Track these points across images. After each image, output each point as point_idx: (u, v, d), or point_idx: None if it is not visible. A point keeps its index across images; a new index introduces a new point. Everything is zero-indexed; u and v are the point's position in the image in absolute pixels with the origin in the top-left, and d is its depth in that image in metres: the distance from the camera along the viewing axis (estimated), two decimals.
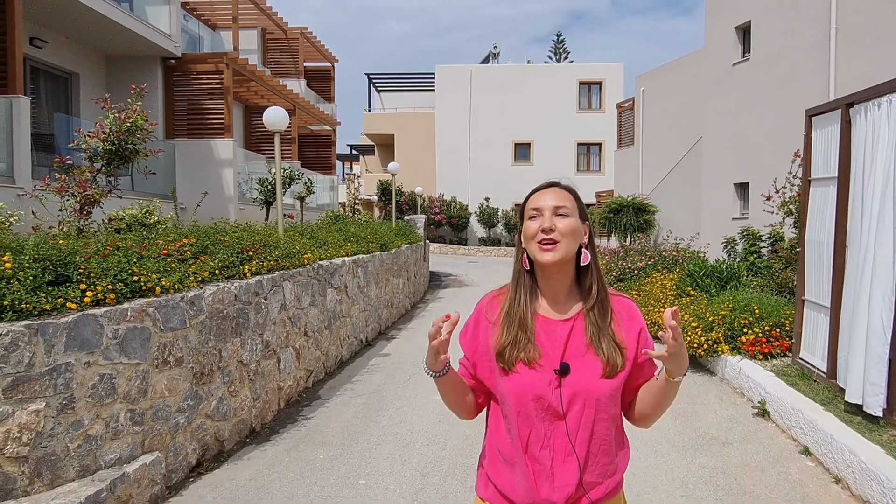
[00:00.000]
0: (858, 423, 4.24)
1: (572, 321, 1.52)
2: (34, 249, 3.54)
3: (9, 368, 3.06)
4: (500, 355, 1.52)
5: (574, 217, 1.50)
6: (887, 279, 4.28)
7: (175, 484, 3.95)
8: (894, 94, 4.32)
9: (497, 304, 1.61)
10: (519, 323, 1.52)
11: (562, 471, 1.47)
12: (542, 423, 1.48)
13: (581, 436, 1.47)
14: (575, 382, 1.47)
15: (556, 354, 1.49)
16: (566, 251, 1.48)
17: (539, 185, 1.58)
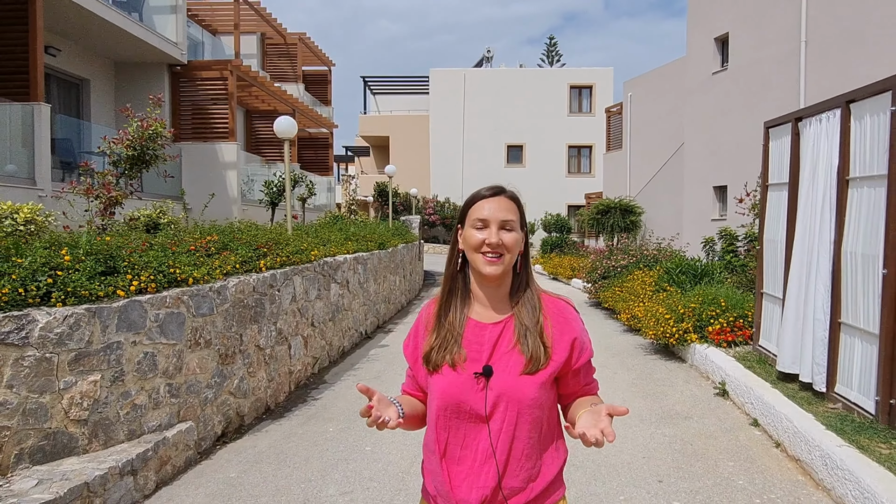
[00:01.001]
0: (802, 398, 4.86)
1: (503, 324, 1.53)
2: (87, 245, 4.12)
3: (73, 344, 3.63)
4: (427, 357, 1.55)
5: (517, 230, 1.52)
6: (827, 274, 4.91)
7: (204, 450, 4.52)
8: (833, 112, 4.96)
9: (433, 308, 1.62)
10: (448, 326, 1.54)
11: (480, 473, 1.47)
12: (464, 425, 1.48)
13: (503, 439, 1.46)
14: (498, 383, 1.46)
15: (482, 357, 1.50)
16: (510, 264, 1.51)
17: (483, 189, 1.55)
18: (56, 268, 3.79)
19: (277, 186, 10.50)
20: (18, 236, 5.12)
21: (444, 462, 1.50)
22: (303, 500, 3.72)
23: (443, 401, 1.49)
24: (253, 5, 17.34)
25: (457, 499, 1.47)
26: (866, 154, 4.49)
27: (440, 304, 1.58)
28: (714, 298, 7.15)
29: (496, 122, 31.35)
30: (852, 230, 4.63)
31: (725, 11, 12.90)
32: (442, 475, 1.50)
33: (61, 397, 3.59)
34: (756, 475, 4.00)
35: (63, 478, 3.36)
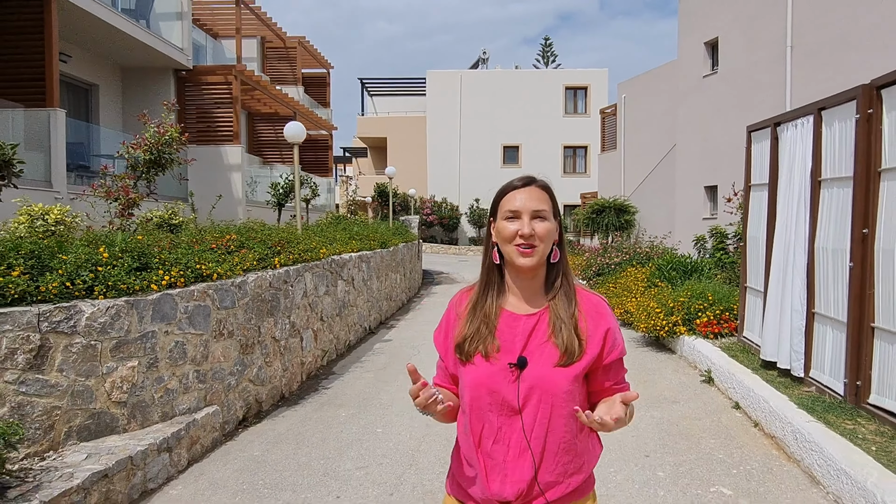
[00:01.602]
0: (780, 383, 5.26)
1: (538, 315, 1.52)
2: (122, 243, 4.48)
3: (114, 333, 4.01)
4: (460, 346, 1.54)
5: (550, 219, 1.51)
6: (802, 268, 5.31)
7: (228, 433, 4.90)
8: (807, 118, 5.36)
9: (466, 298, 1.62)
10: (483, 316, 1.53)
11: (515, 466, 1.45)
12: (497, 418, 1.47)
13: (537, 432, 1.45)
14: (531, 375, 1.46)
15: (516, 348, 1.49)
16: (544, 254, 1.50)
17: (515, 180, 1.56)
18: (96, 264, 4.15)
19: (284, 188, 10.87)
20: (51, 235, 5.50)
21: (479, 453, 1.49)
22: (322, 474, 4.09)
23: (476, 391, 1.49)
24: (254, 10, 17.71)
25: (491, 492, 1.46)
26: (835, 157, 4.89)
27: (477, 293, 1.58)
28: (702, 293, 7.55)
29: (492, 123, 31.74)
30: (824, 227, 5.03)
31: (715, 17, 13.32)
32: (478, 465, 1.48)
33: (104, 381, 3.96)
34: (734, 450, 4.40)
35: (109, 452, 3.73)
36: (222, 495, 3.81)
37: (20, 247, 3.99)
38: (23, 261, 3.89)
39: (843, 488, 3.49)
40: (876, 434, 3.94)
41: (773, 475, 3.97)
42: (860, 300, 4.44)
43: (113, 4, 10.96)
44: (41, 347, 3.70)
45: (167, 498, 3.78)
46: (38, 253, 4.02)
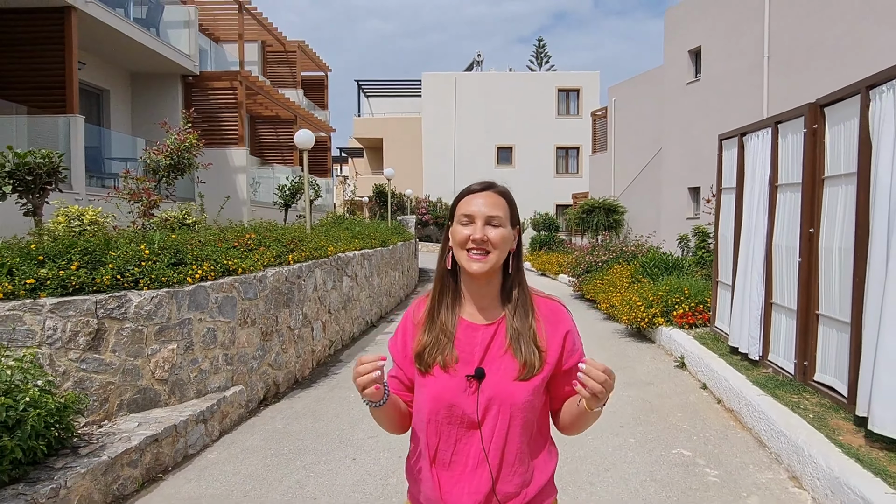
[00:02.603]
0: (742, 366, 5.90)
1: (496, 325, 1.49)
2: (160, 241, 5.08)
3: (157, 319, 4.60)
4: (419, 356, 1.50)
5: (506, 226, 1.47)
6: (762, 263, 5.95)
7: (251, 410, 5.50)
8: (766, 129, 6.00)
9: (423, 306, 1.58)
10: (440, 325, 1.50)
11: (472, 479, 1.43)
12: (455, 430, 1.45)
13: (495, 443, 1.43)
14: (491, 387, 1.43)
15: (474, 360, 1.46)
16: (496, 261, 1.45)
17: (472, 185, 1.52)
18: (140, 259, 4.75)
19: (290, 189, 11.46)
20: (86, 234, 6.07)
21: (434, 468, 1.47)
22: (339, 442, 4.71)
23: (434, 404, 1.45)
24: (255, 15, 18.23)
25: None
26: (789, 165, 5.54)
27: (432, 302, 1.54)
28: (679, 287, 8.20)
29: (486, 124, 32.38)
30: (779, 227, 5.68)
31: (697, 26, 13.99)
32: (432, 480, 1.46)
33: (149, 361, 4.56)
34: (698, 422, 5.04)
35: (156, 421, 4.33)
36: (253, 458, 4.42)
37: (76, 244, 4.59)
38: (79, 257, 4.48)
39: (781, 447, 4.13)
40: (816, 405, 4.59)
41: (728, 440, 4.61)
42: (807, 291, 5.09)
43: (126, 14, 11.52)
44: (98, 331, 4.30)
45: (206, 462, 4.39)
46: (91, 250, 4.61)
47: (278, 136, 18.70)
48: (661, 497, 3.69)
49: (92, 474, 3.53)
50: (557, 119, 32.52)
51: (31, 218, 5.79)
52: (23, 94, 9.56)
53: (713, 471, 4.07)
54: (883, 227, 3.89)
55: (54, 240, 4.70)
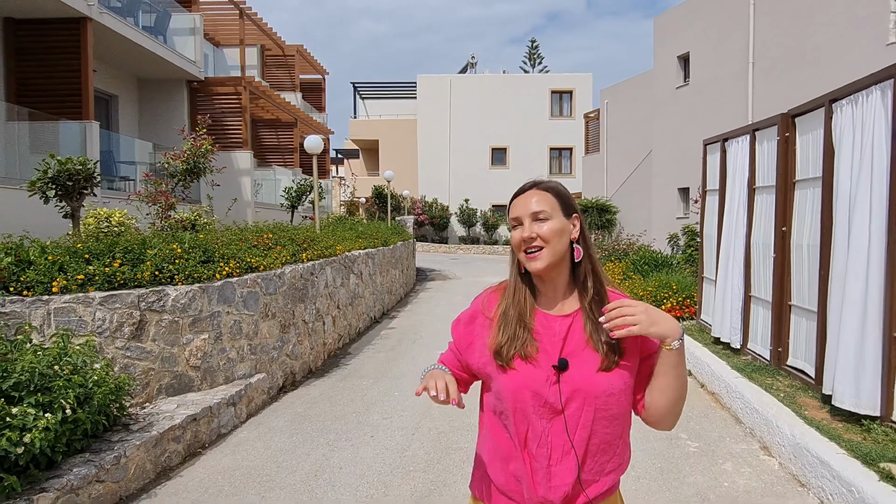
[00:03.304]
0: (724, 354, 6.40)
1: (571, 317, 1.50)
2: (190, 240, 5.53)
3: (191, 312, 5.06)
4: (498, 353, 1.50)
5: (556, 218, 1.48)
6: (741, 259, 6.46)
7: (272, 396, 5.96)
8: (745, 136, 6.51)
9: (495, 299, 1.59)
10: (518, 319, 1.51)
11: (559, 469, 1.45)
12: (540, 420, 1.46)
13: (580, 433, 1.45)
14: (573, 379, 1.44)
15: (554, 351, 1.47)
16: (552, 255, 1.47)
17: (520, 187, 1.55)
18: (174, 257, 5.20)
19: (297, 192, 11.91)
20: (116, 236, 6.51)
21: (525, 454, 1.48)
22: (356, 423, 5.17)
23: (519, 394, 1.47)
24: (255, 21, 18.65)
25: (538, 495, 1.46)
26: (765, 169, 6.05)
27: (508, 300, 1.55)
28: (667, 283, 8.71)
29: (481, 126, 32.87)
30: (756, 226, 6.19)
31: (686, 33, 14.52)
32: (525, 469, 1.48)
33: (184, 349, 5.02)
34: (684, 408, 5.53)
35: (193, 403, 4.79)
36: (280, 436, 4.88)
37: (118, 244, 5.04)
38: (121, 255, 4.93)
39: (754, 422, 4.64)
40: (787, 386, 5.09)
41: (708, 418, 5.11)
42: (781, 284, 5.60)
43: (135, 23, 11.94)
44: (140, 322, 4.75)
45: (238, 439, 4.85)
46: (130, 248, 5.07)
47: (279, 138, 19.13)
48: (647, 464, 4.18)
49: (144, 447, 3.99)
50: (551, 120, 33.03)
51: (64, 219, 6.21)
52: (40, 101, 9.97)
53: (694, 443, 4.56)
54: (844, 227, 4.40)
55: (97, 240, 5.14)
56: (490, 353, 1.53)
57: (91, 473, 3.51)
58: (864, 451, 3.56)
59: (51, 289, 4.47)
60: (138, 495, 3.83)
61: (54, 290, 4.47)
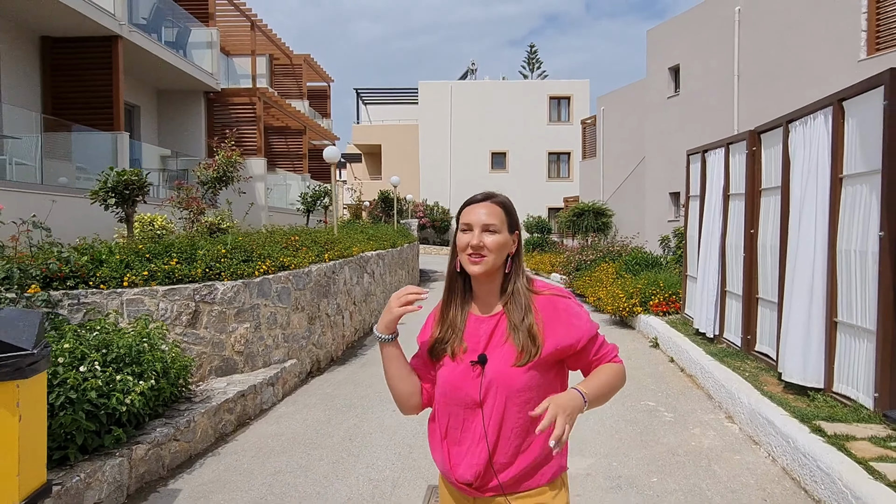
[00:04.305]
0: (702, 343, 7.18)
1: (497, 317, 1.66)
2: (232, 242, 6.31)
3: (236, 304, 5.83)
4: (432, 349, 1.71)
5: (502, 232, 1.63)
6: (717, 258, 7.25)
7: (302, 380, 6.73)
8: (721, 148, 7.31)
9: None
10: (450, 320, 1.69)
11: (474, 452, 1.61)
12: (462, 410, 1.63)
13: (493, 421, 1.59)
14: (491, 371, 1.60)
15: (479, 348, 1.63)
16: (492, 263, 1.62)
17: (473, 196, 1.68)
18: (220, 257, 5.98)
19: (312, 197, 12.71)
20: (158, 238, 7.29)
21: (444, 443, 1.67)
22: (378, 400, 5.94)
23: (443, 387, 1.66)
24: (265, 32, 19.44)
25: (455, 476, 1.63)
26: (737, 178, 6.84)
27: (444, 300, 1.73)
28: (655, 281, 9.49)
29: (481, 131, 33.70)
30: (730, 229, 6.98)
31: (677, 45, 15.33)
32: (443, 454, 1.67)
33: (230, 336, 5.79)
34: (662, 384, 6.32)
35: (239, 383, 5.56)
36: (314, 411, 5.65)
37: (173, 245, 5.82)
38: (177, 254, 5.71)
39: (722, 397, 5.41)
40: (754, 368, 5.87)
41: (685, 395, 5.90)
42: (749, 279, 6.38)
43: (159, 38, 12.72)
44: (195, 312, 5.53)
45: (279, 413, 5.62)
46: (183, 249, 5.84)
47: (288, 144, 19.91)
48: (629, 430, 4.95)
49: (207, 414, 4.77)
50: (549, 125, 33.86)
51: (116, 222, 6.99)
52: (73, 113, 10.75)
53: (669, 414, 5.34)
54: (795, 229, 5.18)
55: (154, 241, 5.91)
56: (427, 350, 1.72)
57: (170, 433, 4.28)
58: (803, 413, 4.34)
59: (122, 283, 5.24)
60: (204, 454, 4.61)
61: (125, 284, 5.25)
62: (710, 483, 3.93)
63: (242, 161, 9.04)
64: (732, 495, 3.76)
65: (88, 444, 3.68)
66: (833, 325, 4.76)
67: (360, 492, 3.94)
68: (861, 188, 4.47)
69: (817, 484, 3.57)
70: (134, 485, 3.91)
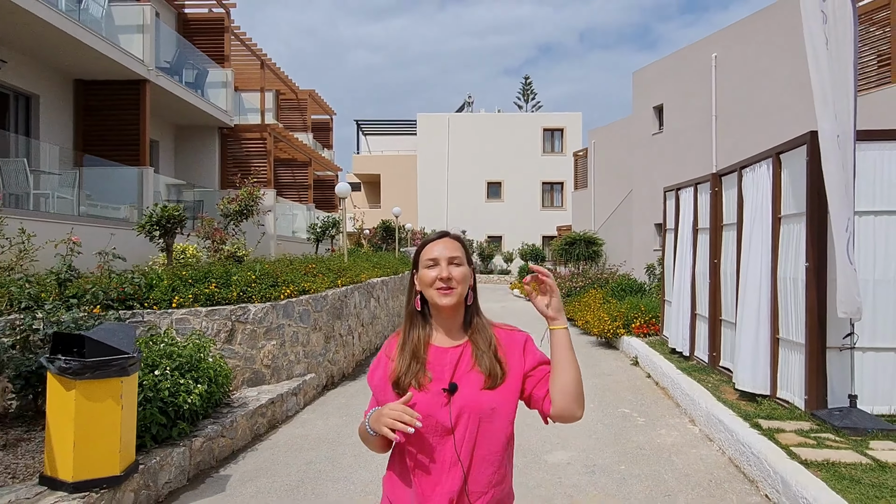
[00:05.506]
0: (676, 360, 8.04)
1: (461, 347, 1.73)
2: (260, 269, 7.19)
3: (265, 323, 6.69)
4: (396, 382, 1.71)
5: (464, 265, 1.74)
6: (689, 284, 8.16)
7: (319, 392, 7.55)
8: (691, 187, 8.26)
9: (395, 342, 1.80)
10: (412, 353, 1.72)
11: (448, 478, 1.64)
12: (433, 438, 1.65)
13: (466, 446, 1.64)
14: (462, 398, 1.65)
15: (446, 377, 1.68)
16: (461, 294, 1.71)
17: (431, 236, 1.79)
18: (251, 282, 6.85)
19: (321, 227, 13.64)
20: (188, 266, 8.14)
21: (414, 475, 1.68)
22: None
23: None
24: (273, 69, 20.59)
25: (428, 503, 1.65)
26: (704, 215, 7.78)
27: (404, 336, 1.77)
28: (637, 305, 10.38)
29: (477, 161, 34.90)
30: (699, 258, 7.90)
31: (660, 86, 16.47)
32: (414, 487, 1.68)
33: (259, 352, 6.63)
34: (638, 395, 7.16)
35: (268, 392, 6.39)
36: (333, 417, 6.47)
37: (211, 272, 6.69)
38: (215, 280, 6.59)
39: (687, 404, 6.27)
40: (716, 380, 6.73)
41: (657, 405, 6.74)
42: (714, 303, 7.28)
43: (180, 80, 13.75)
44: (231, 330, 6.38)
45: (302, 419, 6.44)
46: (220, 275, 6.72)
47: (294, 175, 20.90)
48: (605, 432, 5.79)
49: (245, 416, 5.59)
50: (543, 156, 35.09)
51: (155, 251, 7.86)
52: (103, 150, 11.69)
53: (641, 418, 6.19)
54: (746, 259, 6.10)
55: (194, 269, 6.79)
56: (390, 383, 1.73)
57: (218, 430, 5.11)
58: (747, 413, 5.20)
59: (171, 304, 6.11)
60: (244, 449, 5.42)
61: (174, 305, 6.11)
62: (668, 469, 4.78)
63: (262, 196, 9.95)
64: (685, 478, 4.60)
65: (160, 434, 4.51)
66: (776, 341, 5.65)
67: (379, 476, 4.74)
68: (793, 226, 5.40)
69: (751, 466, 4.42)
70: (192, 470, 4.72)
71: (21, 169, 9.14)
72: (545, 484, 4.53)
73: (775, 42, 12.41)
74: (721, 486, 4.41)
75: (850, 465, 4.02)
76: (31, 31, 9.61)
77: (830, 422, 4.77)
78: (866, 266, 5.07)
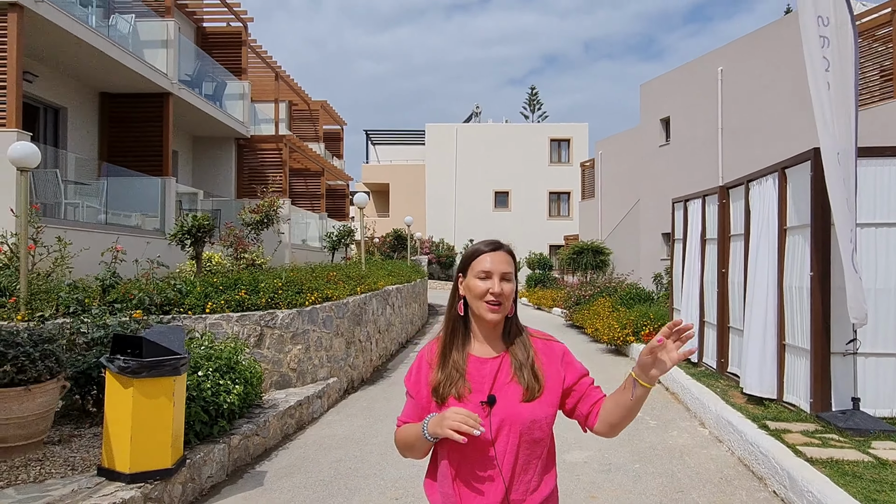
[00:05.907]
0: (685, 367, 8.29)
1: (500, 359, 1.74)
2: (286, 277, 7.50)
3: (291, 329, 6.99)
4: (436, 391, 1.72)
5: (513, 281, 1.75)
6: (697, 292, 8.43)
7: (341, 395, 7.84)
8: (699, 199, 8.55)
9: (436, 347, 1.81)
10: (453, 363, 1.73)
11: (489, 489, 1.65)
12: (472, 449, 1.65)
13: (507, 458, 1.66)
14: (501, 410, 1.66)
15: (485, 388, 1.69)
16: (507, 310, 1.73)
17: (486, 244, 1.78)
18: (278, 289, 7.16)
19: (337, 236, 13.98)
20: (215, 274, 8.46)
21: (455, 484, 1.70)
22: None
23: None
24: (287, 81, 21.02)
25: None
26: (713, 225, 8.06)
27: (444, 343, 1.79)
28: (646, 313, 10.64)
29: (485, 171, 35.26)
30: (707, 268, 8.18)
31: (667, 99, 16.79)
32: (454, 496, 1.69)
33: (286, 356, 6.94)
34: (650, 400, 7.41)
35: (295, 394, 6.68)
36: (357, 419, 6.76)
37: (241, 279, 7.01)
38: (244, 287, 6.90)
39: (697, 408, 6.53)
40: (725, 385, 6.99)
41: (668, 408, 7.00)
42: (722, 311, 7.55)
43: (200, 93, 14.15)
44: (261, 335, 6.69)
45: (328, 421, 6.73)
46: (248, 282, 7.03)
47: (307, 184, 21.28)
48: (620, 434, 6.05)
49: (276, 417, 5.89)
50: (550, 166, 35.43)
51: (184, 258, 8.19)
52: (129, 161, 12.07)
53: (653, 421, 6.45)
54: (753, 269, 6.38)
55: (225, 276, 7.11)
56: (429, 390, 1.74)
57: (253, 429, 5.41)
58: (755, 415, 5.47)
59: (205, 310, 6.42)
60: (276, 448, 5.71)
61: (207, 311, 6.42)
62: (680, 468, 5.04)
63: (282, 206, 10.29)
64: (697, 476, 4.86)
65: (202, 432, 4.81)
66: (782, 347, 5.91)
67: (408, 473, 5.03)
68: (798, 238, 5.68)
69: (759, 464, 4.68)
70: (231, 466, 5.02)
71: (52, 179, 9.50)
72: (564, 481, 4.80)
73: (781, 57, 12.72)
74: (731, 483, 4.68)
75: (852, 462, 4.29)
76: (64, 47, 10.00)
77: (834, 423, 5.03)
78: (868, 276, 5.34)
